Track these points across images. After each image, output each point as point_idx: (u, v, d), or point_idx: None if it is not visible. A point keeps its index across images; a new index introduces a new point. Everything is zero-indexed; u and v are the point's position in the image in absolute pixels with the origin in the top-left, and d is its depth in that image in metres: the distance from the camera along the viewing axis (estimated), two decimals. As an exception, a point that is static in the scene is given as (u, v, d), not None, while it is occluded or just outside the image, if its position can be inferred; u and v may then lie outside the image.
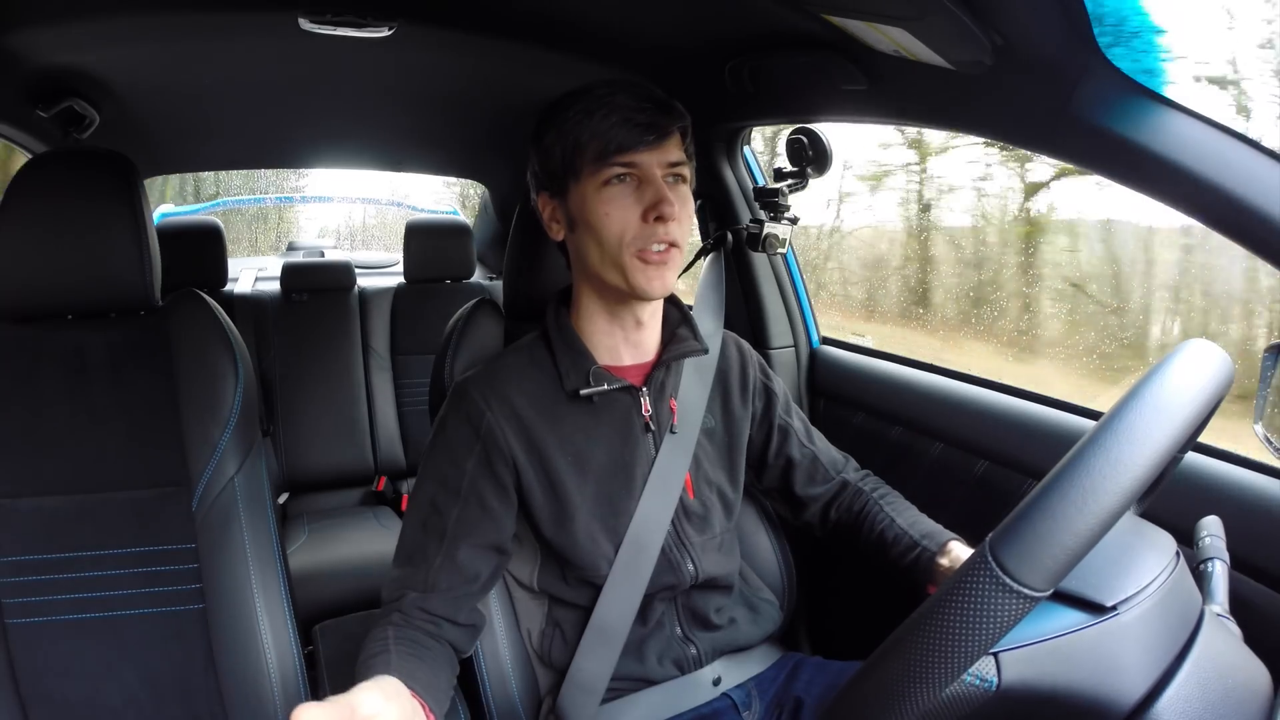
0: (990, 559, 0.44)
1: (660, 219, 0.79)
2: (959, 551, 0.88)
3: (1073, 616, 0.51)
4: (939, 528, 0.93)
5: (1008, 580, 0.44)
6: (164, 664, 0.89)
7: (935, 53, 0.82)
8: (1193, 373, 0.48)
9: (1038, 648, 0.50)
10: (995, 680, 0.49)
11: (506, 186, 2.41)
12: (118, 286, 0.94)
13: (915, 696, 0.45)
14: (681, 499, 0.89)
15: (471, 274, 2.30)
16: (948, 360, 1.32)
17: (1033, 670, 0.50)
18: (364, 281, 2.32)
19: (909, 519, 0.94)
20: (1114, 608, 0.51)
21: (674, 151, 0.82)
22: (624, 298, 0.85)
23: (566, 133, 0.81)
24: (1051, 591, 0.45)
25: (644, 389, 0.89)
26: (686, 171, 0.85)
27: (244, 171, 3.25)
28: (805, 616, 1.29)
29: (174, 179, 3.07)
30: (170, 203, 3.01)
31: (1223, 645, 0.54)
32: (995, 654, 0.49)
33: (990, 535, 0.46)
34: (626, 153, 0.79)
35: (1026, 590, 0.43)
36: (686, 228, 0.84)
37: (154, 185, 2.78)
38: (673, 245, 0.81)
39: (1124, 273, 1.84)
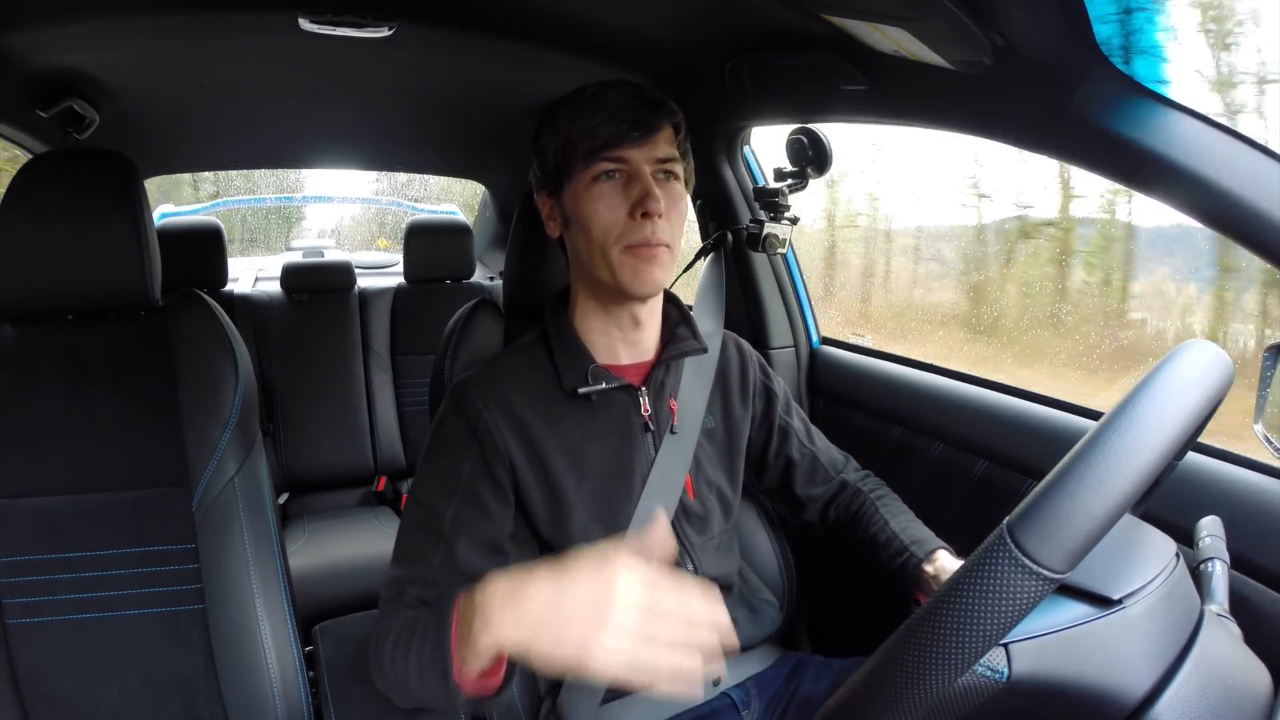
0: (1009, 540, 0.44)
1: (646, 215, 0.79)
2: (945, 560, 0.88)
3: (1080, 609, 0.52)
4: (930, 535, 0.93)
5: (1027, 561, 0.44)
6: (164, 664, 0.89)
7: (935, 53, 0.82)
8: (1195, 368, 0.50)
9: (1047, 639, 0.50)
10: (1006, 671, 0.49)
11: (506, 186, 2.41)
12: (118, 286, 0.94)
13: (932, 682, 0.46)
14: (681, 499, 0.89)
15: (471, 274, 2.30)
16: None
17: (1042, 662, 0.50)
18: (364, 282, 2.32)
19: (901, 523, 0.94)
20: (1120, 601, 0.51)
21: (664, 148, 0.83)
22: (617, 296, 0.85)
23: (559, 131, 0.82)
24: (1068, 573, 0.45)
25: (643, 388, 0.89)
26: (679, 169, 0.85)
27: (244, 171, 3.25)
28: (805, 616, 1.29)
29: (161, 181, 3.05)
30: (170, 202, 3.01)
31: (1223, 645, 0.55)
32: (1006, 645, 0.50)
33: (1008, 518, 0.46)
34: (614, 149, 0.80)
35: (1045, 571, 0.44)
36: (678, 226, 0.84)
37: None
38: (661, 244, 0.81)
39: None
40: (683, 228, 0.86)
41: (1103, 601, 0.51)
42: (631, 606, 0.55)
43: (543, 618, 0.58)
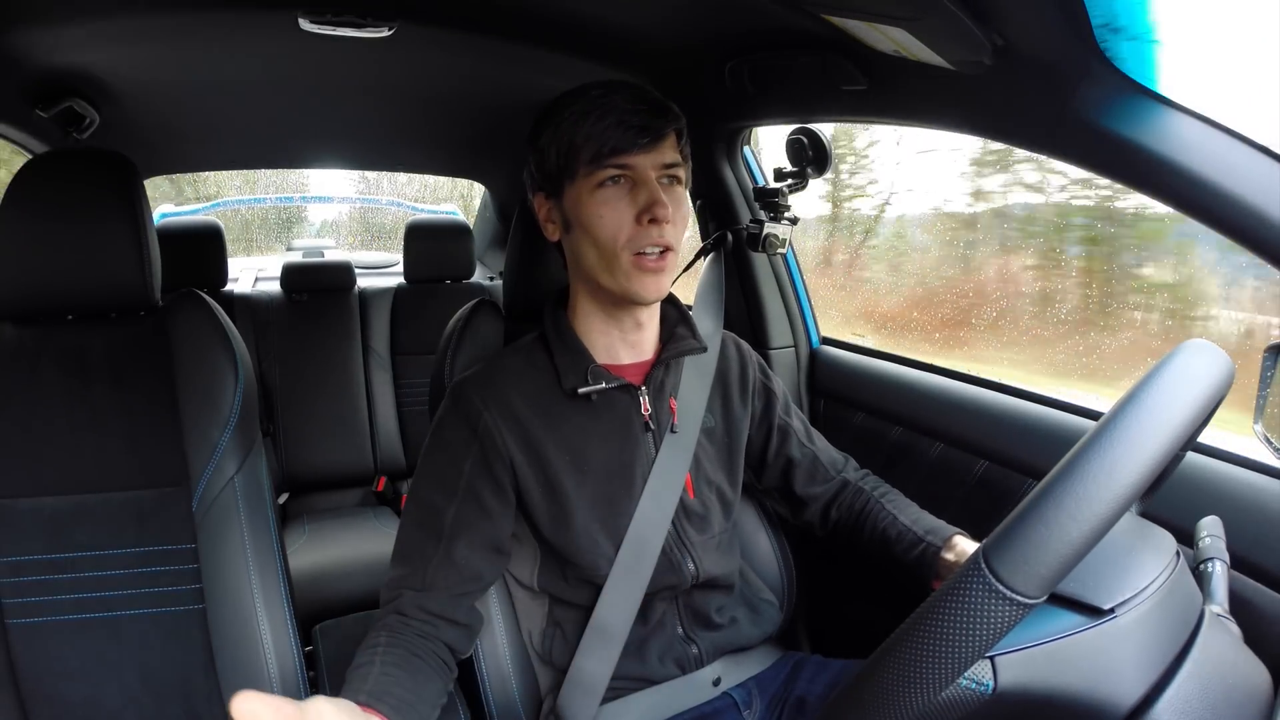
0: (984, 566, 0.44)
1: (654, 221, 0.79)
2: (964, 545, 0.88)
3: (1070, 619, 0.51)
4: (942, 523, 0.93)
5: (1001, 588, 0.44)
6: (164, 664, 0.89)
7: (935, 53, 0.82)
8: (1190, 374, 0.48)
9: (1034, 651, 0.50)
10: (991, 684, 0.49)
11: (506, 186, 2.41)
12: (118, 286, 0.94)
13: (910, 701, 0.46)
14: (682, 499, 0.89)
15: (471, 274, 2.30)
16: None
17: (1029, 674, 0.50)
18: (364, 281, 2.32)
19: (911, 516, 0.94)
20: (1111, 610, 0.51)
21: (669, 153, 0.82)
22: (620, 301, 0.85)
23: (562, 134, 0.81)
24: (1045, 598, 0.45)
25: (643, 388, 0.89)
26: (682, 173, 0.85)
27: (244, 171, 3.26)
28: (805, 616, 1.29)
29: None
30: (170, 203, 3.01)
31: (1223, 645, 0.54)
32: (991, 658, 0.49)
33: (984, 542, 0.46)
34: (621, 155, 0.80)
35: (1019, 598, 0.44)
36: (681, 230, 0.84)
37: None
38: (667, 249, 0.81)
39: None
40: (685, 231, 0.86)
41: (1093, 611, 0.51)
42: None
43: None
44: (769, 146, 1.46)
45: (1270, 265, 0.68)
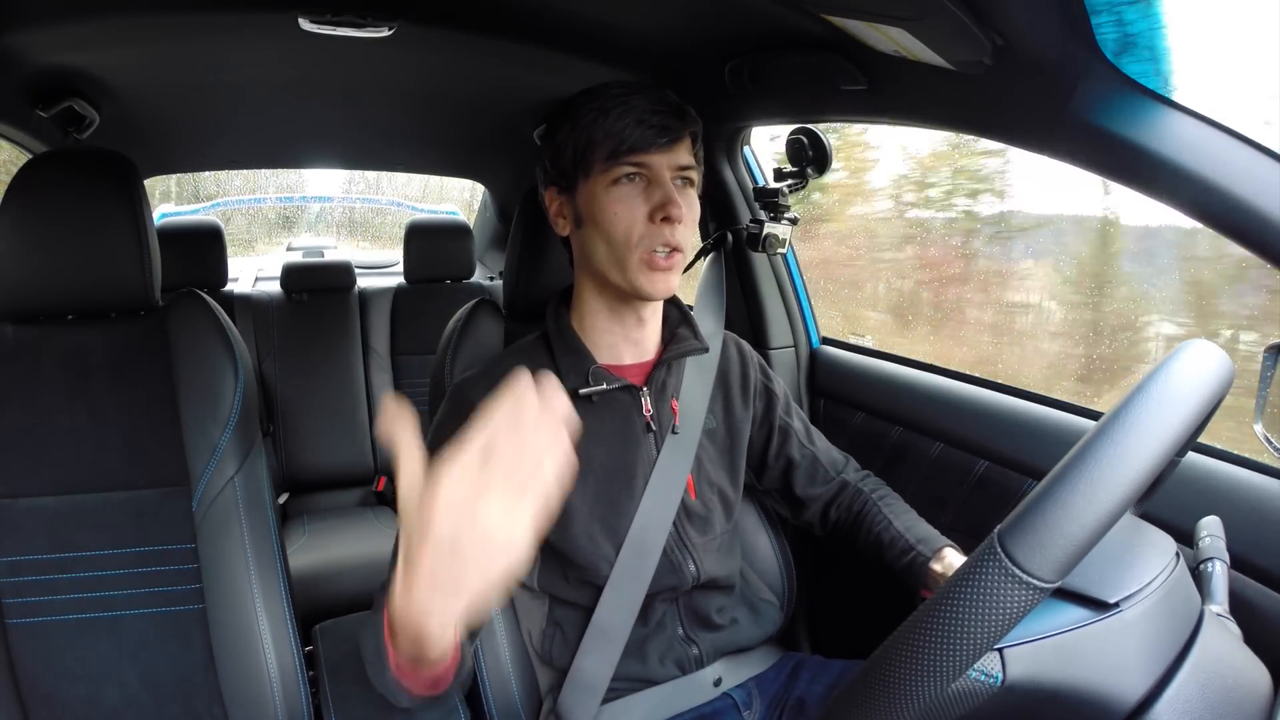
0: (999, 550, 0.45)
1: (667, 220, 0.80)
2: (953, 558, 0.89)
3: (1076, 613, 0.51)
4: (935, 533, 0.93)
5: (1017, 571, 0.44)
6: (164, 664, 0.89)
7: (935, 53, 0.82)
8: (1194, 370, 0.49)
9: (1042, 644, 0.50)
10: (1000, 676, 0.49)
11: (506, 186, 2.41)
12: (118, 286, 0.94)
13: (923, 689, 0.46)
14: (683, 500, 0.89)
15: (471, 274, 2.30)
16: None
17: (1037, 666, 0.50)
18: (364, 281, 2.32)
19: (906, 522, 0.94)
20: (1117, 604, 0.51)
21: (684, 155, 0.83)
22: (626, 296, 0.85)
23: (580, 129, 0.82)
24: (1059, 583, 0.45)
25: (645, 389, 0.89)
26: (695, 176, 0.85)
27: (244, 171, 3.25)
28: (805, 616, 1.29)
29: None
30: (171, 202, 3.01)
31: (1223, 645, 0.55)
32: (1000, 650, 0.50)
33: (999, 527, 0.46)
34: (638, 153, 0.80)
35: (1035, 581, 0.44)
36: (692, 231, 0.85)
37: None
38: (677, 249, 0.82)
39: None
40: (694, 232, 0.86)
41: (1099, 605, 0.51)
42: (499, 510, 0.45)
43: (443, 581, 0.47)
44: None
45: (1270, 265, 0.68)
